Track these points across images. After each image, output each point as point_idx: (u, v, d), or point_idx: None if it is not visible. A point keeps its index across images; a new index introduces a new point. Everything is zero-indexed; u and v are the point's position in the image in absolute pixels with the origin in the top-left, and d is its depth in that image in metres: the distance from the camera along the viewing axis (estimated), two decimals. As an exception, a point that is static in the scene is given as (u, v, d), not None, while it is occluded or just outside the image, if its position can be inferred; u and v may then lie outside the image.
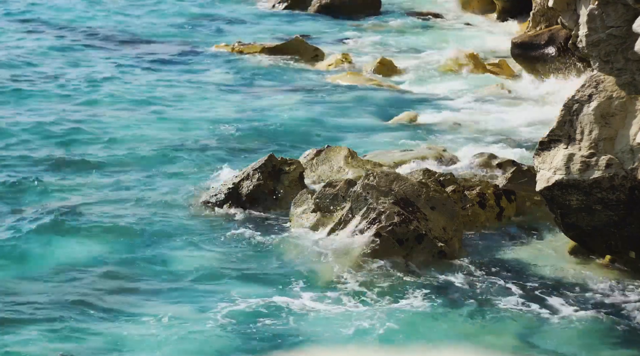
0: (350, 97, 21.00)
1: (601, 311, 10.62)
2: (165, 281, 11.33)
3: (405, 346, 9.85)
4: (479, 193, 13.39)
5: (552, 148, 11.80)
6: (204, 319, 10.27)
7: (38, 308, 10.39)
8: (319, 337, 9.93)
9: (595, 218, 11.64)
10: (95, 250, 11.97)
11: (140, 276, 11.44)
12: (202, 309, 10.53)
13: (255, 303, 10.70)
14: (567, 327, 10.30)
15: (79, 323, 10.08)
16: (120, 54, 25.99)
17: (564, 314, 10.56)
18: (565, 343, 9.96)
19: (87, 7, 34.12)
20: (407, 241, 11.43)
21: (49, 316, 10.20)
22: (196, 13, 33.91)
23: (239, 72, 23.89)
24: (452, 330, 10.14)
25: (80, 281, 11.18)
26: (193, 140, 17.22)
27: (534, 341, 9.99)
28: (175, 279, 11.36)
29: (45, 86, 21.45)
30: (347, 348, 9.81)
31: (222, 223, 12.95)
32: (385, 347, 9.81)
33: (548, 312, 10.58)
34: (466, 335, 10.05)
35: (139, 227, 12.82)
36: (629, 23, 11.13)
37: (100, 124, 18.17)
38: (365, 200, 11.85)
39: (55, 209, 13.41)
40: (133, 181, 14.84)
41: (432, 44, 28.44)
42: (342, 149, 14.48)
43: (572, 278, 11.49)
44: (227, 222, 12.99)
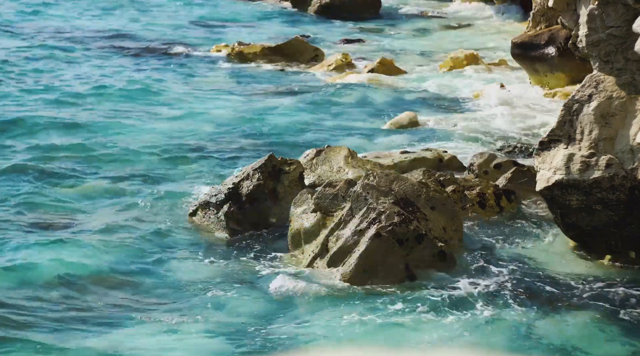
0: (350, 97, 21.01)
1: (601, 310, 10.62)
2: (163, 284, 11.31)
3: (405, 346, 9.84)
4: (479, 193, 13.39)
5: (552, 148, 11.81)
6: (203, 322, 10.26)
7: (31, 316, 10.32)
8: (317, 339, 9.92)
9: (595, 218, 11.64)
10: (92, 254, 11.91)
11: (139, 278, 11.43)
12: (202, 312, 10.52)
13: (255, 304, 10.70)
14: (567, 326, 10.29)
15: (75, 332, 10.02)
16: (119, 55, 26.00)
17: (564, 313, 10.56)
18: (565, 342, 9.96)
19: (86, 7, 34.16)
20: (407, 241, 11.42)
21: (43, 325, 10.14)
22: (196, 13, 33.95)
23: (239, 72, 23.92)
24: (452, 330, 10.13)
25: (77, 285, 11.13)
26: (193, 140, 17.24)
27: (534, 341, 9.98)
28: (173, 283, 11.33)
29: (43, 87, 21.46)
30: (346, 349, 9.80)
31: (222, 224, 12.93)
32: (385, 347, 9.81)
33: (548, 312, 10.57)
34: (466, 335, 10.04)
35: (138, 229, 12.81)
36: (629, 23, 11.13)
37: (97, 126, 18.17)
38: (365, 200, 11.85)
39: (52, 212, 13.41)
40: (132, 183, 14.83)
41: (432, 44, 28.47)
42: (342, 149, 14.48)
43: (572, 278, 11.49)
44: (227, 223, 12.97)
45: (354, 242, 11.45)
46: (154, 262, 11.87)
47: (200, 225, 13.02)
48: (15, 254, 11.84)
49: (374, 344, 9.87)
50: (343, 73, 23.49)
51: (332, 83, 22.52)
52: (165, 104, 20.31)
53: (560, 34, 19.84)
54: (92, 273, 11.44)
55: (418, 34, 30.59)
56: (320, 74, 23.73)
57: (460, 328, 10.15)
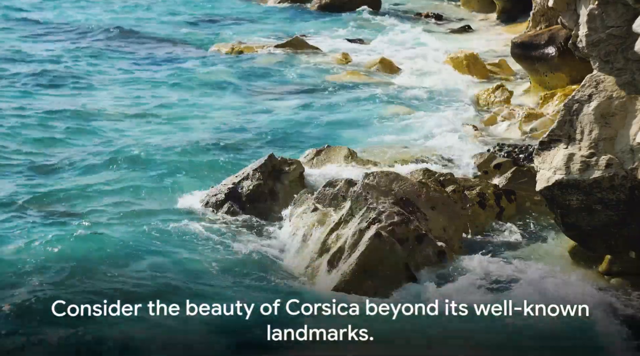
0: (350, 96, 21.01)
1: (602, 309, 10.62)
2: (163, 282, 11.31)
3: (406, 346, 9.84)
4: (479, 193, 13.39)
5: (552, 148, 11.80)
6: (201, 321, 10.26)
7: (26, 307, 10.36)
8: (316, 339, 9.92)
9: (595, 217, 11.64)
10: (93, 252, 11.93)
11: (138, 278, 11.43)
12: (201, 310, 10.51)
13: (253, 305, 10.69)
14: (567, 326, 10.29)
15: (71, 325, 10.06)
16: (118, 54, 25.99)
17: (564, 313, 10.55)
18: (565, 341, 9.96)
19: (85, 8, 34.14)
20: (407, 241, 11.42)
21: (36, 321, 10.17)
22: (196, 12, 33.92)
23: (238, 71, 23.90)
24: (452, 330, 10.13)
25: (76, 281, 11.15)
26: (193, 140, 17.23)
27: (534, 341, 9.99)
28: (173, 281, 11.34)
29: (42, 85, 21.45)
30: (347, 347, 9.81)
31: (222, 224, 12.94)
32: (384, 348, 9.81)
33: (548, 311, 10.57)
34: (466, 335, 10.05)
35: (138, 228, 12.81)
36: (629, 23, 11.13)
37: (98, 124, 18.17)
38: (365, 200, 11.85)
39: (52, 209, 13.42)
40: (132, 182, 14.83)
41: (432, 44, 28.46)
42: (342, 149, 14.48)
43: (571, 277, 11.49)
44: (227, 222, 12.98)
45: (354, 242, 11.45)
46: (153, 260, 11.87)
47: (200, 225, 13.02)
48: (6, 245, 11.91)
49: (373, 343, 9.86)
50: (343, 72, 23.50)
51: (332, 82, 22.52)
52: (163, 103, 20.29)
53: (560, 34, 19.84)
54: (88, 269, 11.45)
55: (418, 34, 30.58)
56: (319, 73, 23.72)
57: (460, 328, 10.14)
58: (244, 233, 12.71)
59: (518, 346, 9.96)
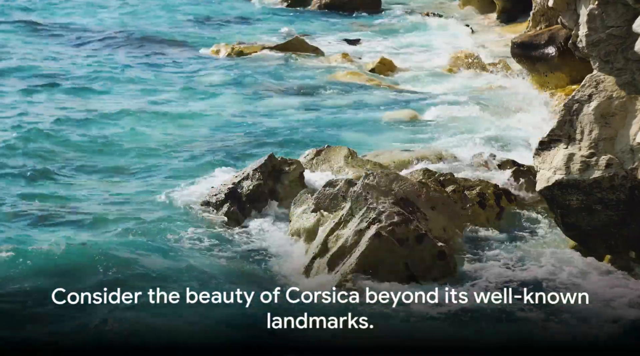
0: (350, 96, 21.02)
1: (601, 309, 10.62)
2: (163, 273, 11.31)
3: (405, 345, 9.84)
4: (479, 192, 13.38)
5: (552, 148, 11.80)
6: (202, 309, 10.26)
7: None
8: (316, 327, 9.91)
9: (595, 217, 11.64)
10: (93, 251, 11.94)
11: (139, 269, 11.43)
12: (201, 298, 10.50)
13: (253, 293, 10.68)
14: (567, 325, 10.30)
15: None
16: (118, 53, 26.00)
17: (564, 312, 10.56)
18: (565, 341, 9.96)
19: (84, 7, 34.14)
20: (407, 241, 11.42)
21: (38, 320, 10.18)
22: (196, 12, 33.93)
23: (239, 72, 23.90)
24: (451, 330, 10.13)
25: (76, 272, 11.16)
26: (193, 140, 17.24)
27: (535, 340, 9.99)
28: (174, 273, 11.34)
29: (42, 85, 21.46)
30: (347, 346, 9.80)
31: (222, 224, 12.94)
32: (384, 347, 9.81)
33: (548, 311, 10.58)
34: (465, 335, 10.05)
35: (138, 228, 12.81)
36: (629, 23, 11.13)
37: (98, 124, 18.17)
38: (365, 200, 11.85)
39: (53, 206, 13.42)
40: (132, 182, 14.85)
41: (432, 43, 28.46)
42: (342, 149, 14.48)
43: (571, 277, 11.48)
44: (227, 222, 12.98)
45: (354, 242, 11.45)
46: (153, 260, 11.86)
47: (200, 225, 13.02)
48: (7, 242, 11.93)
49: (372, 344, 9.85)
50: (343, 72, 23.50)
51: (332, 82, 22.51)
52: (163, 103, 20.29)
53: (560, 34, 19.84)
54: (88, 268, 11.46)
55: (418, 34, 30.58)
56: (320, 74, 23.73)
57: (460, 327, 10.15)
58: (244, 233, 12.71)
59: (519, 337, 9.97)
